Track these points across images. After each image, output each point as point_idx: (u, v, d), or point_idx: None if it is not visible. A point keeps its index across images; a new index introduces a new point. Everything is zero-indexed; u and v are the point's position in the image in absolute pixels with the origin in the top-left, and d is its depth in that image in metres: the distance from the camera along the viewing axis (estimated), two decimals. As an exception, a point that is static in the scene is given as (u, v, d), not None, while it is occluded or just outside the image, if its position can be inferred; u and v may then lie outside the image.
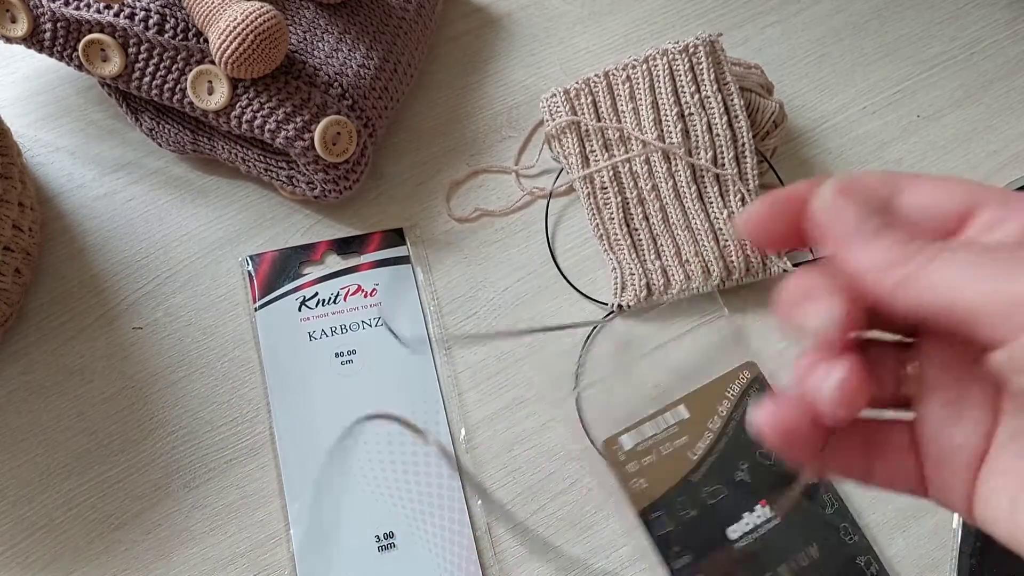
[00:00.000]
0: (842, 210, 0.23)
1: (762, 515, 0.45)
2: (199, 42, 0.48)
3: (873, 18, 0.62)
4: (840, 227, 0.23)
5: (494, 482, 0.46)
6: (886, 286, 0.22)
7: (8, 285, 0.47)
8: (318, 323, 0.49)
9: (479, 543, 0.45)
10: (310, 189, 0.51)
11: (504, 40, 0.61)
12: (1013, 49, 0.61)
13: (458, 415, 0.48)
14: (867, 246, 0.22)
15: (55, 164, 0.55)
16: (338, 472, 0.46)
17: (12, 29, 0.49)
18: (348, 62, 0.51)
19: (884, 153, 0.57)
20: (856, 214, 0.23)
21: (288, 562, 0.44)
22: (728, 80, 0.52)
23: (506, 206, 0.55)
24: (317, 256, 0.52)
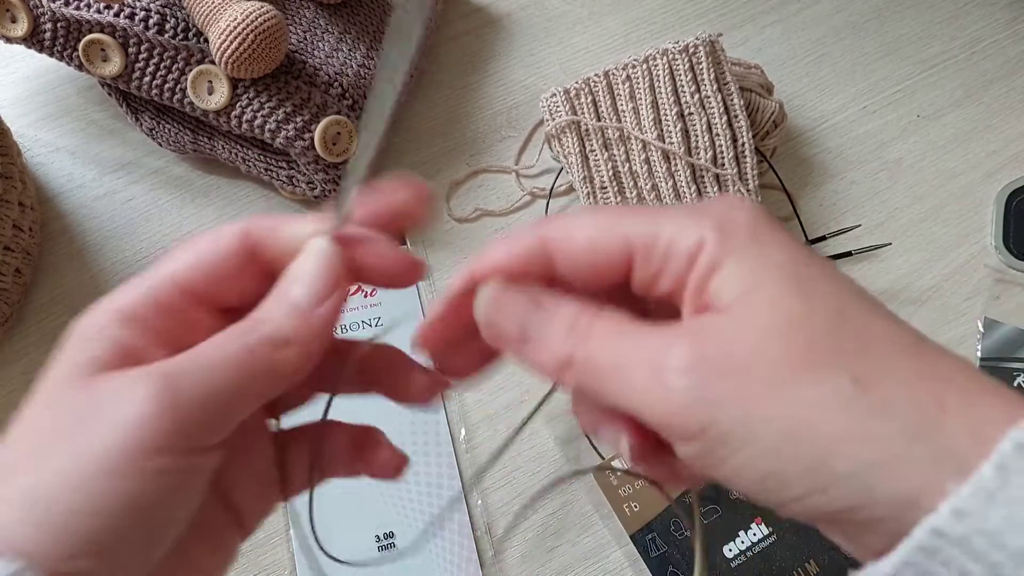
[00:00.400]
0: (501, 313, 0.24)
1: (758, 533, 0.45)
2: (199, 42, 0.48)
3: (873, 18, 0.62)
4: (506, 331, 0.24)
5: (493, 482, 0.46)
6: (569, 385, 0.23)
7: (8, 285, 0.47)
8: (318, 323, 0.49)
9: (478, 543, 0.45)
10: (310, 189, 0.51)
11: (504, 40, 0.61)
12: (1013, 49, 0.61)
13: (458, 415, 0.48)
14: (536, 347, 0.23)
15: (55, 164, 0.55)
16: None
17: (12, 29, 0.49)
18: (348, 62, 0.51)
19: (884, 153, 0.57)
20: (514, 315, 0.23)
21: (288, 562, 0.44)
22: (728, 80, 0.52)
23: (506, 206, 0.55)
24: (317, 256, 0.52)
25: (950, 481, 0.18)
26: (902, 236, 0.54)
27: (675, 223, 0.22)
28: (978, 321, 0.51)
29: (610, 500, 0.46)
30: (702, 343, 0.21)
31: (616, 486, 0.46)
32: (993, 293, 0.52)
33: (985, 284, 0.52)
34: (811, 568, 0.44)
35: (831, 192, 0.56)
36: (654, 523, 0.45)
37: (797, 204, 0.55)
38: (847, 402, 0.19)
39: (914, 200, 0.55)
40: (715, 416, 0.20)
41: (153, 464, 0.20)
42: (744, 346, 0.20)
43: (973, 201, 0.55)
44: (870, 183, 0.56)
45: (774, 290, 0.21)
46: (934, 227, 0.54)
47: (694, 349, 0.21)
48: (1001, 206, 0.55)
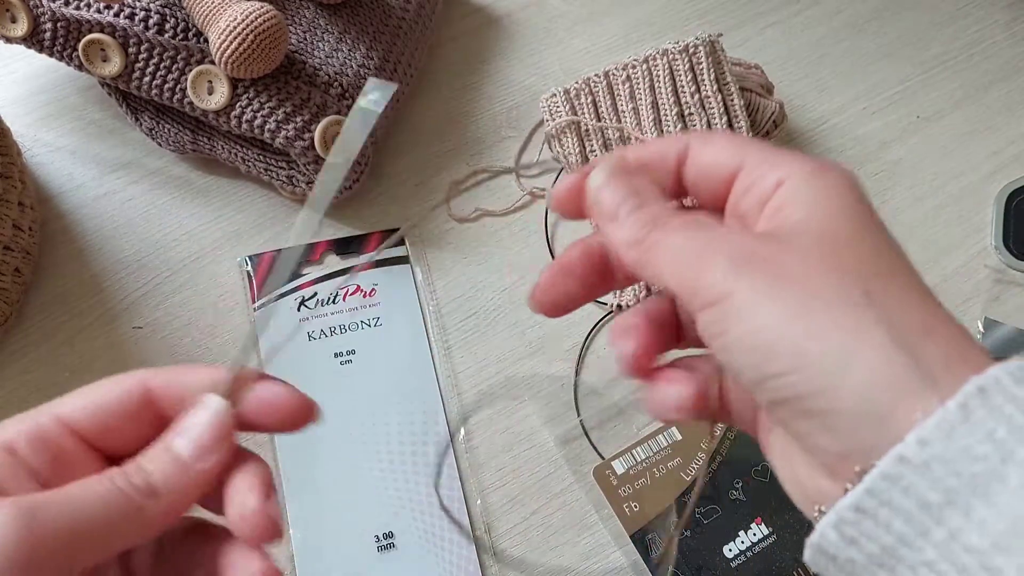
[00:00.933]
0: (605, 192, 0.27)
1: (758, 533, 0.45)
2: (199, 42, 0.48)
3: (873, 18, 0.62)
4: (603, 208, 0.27)
5: (493, 482, 0.46)
6: (629, 261, 0.26)
7: (8, 285, 0.47)
8: (317, 323, 0.49)
9: (478, 543, 0.45)
10: (310, 189, 0.51)
11: (504, 40, 0.61)
12: (1013, 50, 0.61)
13: (458, 415, 0.48)
14: (619, 226, 0.26)
15: (55, 164, 0.55)
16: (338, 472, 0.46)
17: (12, 29, 0.49)
18: (348, 62, 0.51)
19: (884, 153, 0.57)
20: (614, 197, 0.27)
21: (288, 562, 0.44)
22: (728, 80, 0.52)
23: (506, 206, 0.55)
24: (316, 256, 0.52)
25: (915, 400, 0.21)
26: (902, 236, 0.53)
27: (777, 159, 0.26)
28: (978, 321, 0.51)
29: (610, 500, 0.46)
30: (757, 240, 0.24)
31: (616, 486, 0.46)
32: (993, 293, 0.52)
33: (985, 284, 0.52)
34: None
35: (831, 192, 0.56)
36: (654, 523, 0.45)
37: (797, 204, 0.55)
38: (850, 305, 0.22)
39: (914, 200, 0.55)
40: (736, 288, 0.23)
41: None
42: (789, 249, 0.24)
43: (973, 201, 0.55)
44: (870, 183, 0.56)
45: (831, 216, 0.25)
46: (934, 227, 0.54)
47: (746, 241, 0.24)
48: (1001, 206, 0.55)
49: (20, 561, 0.21)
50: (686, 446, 0.47)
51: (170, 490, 0.24)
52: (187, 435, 0.25)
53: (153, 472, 0.24)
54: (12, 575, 0.21)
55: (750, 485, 0.46)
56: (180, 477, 0.24)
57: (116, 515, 0.23)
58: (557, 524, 0.46)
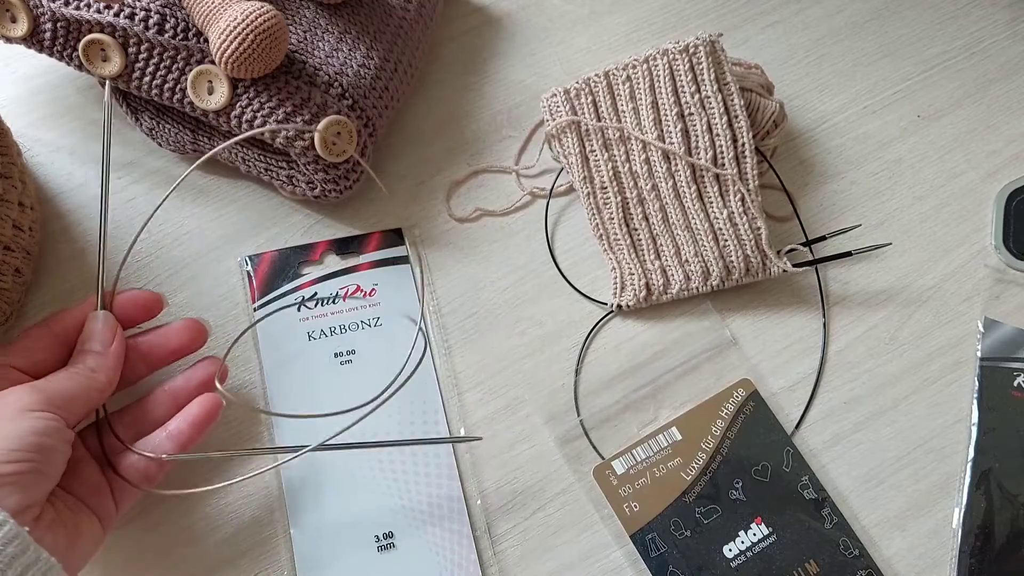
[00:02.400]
0: None
1: (758, 533, 0.45)
2: (199, 42, 0.48)
3: (873, 18, 0.62)
4: None
5: (494, 482, 0.46)
6: None
7: (8, 284, 0.47)
8: (317, 323, 0.49)
9: (478, 543, 0.45)
10: (310, 189, 0.51)
11: (504, 40, 0.61)
12: (1013, 49, 0.61)
13: (458, 415, 0.48)
14: None
15: (55, 164, 0.55)
16: (338, 472, 0.46)
17: (12, 29, 0.49)
18: (348, 62, 0.51)
19: (884, 153, 0.57)
20: None
21: (288, 562, 0.44)
22: (728, 80, 0.52)
23: (506, 206, 0.55)
24: (316, 256, 0.52)
25: None
26: (902, 236, 0.54)
27: None
28: (978, 321, 0.51)
29: (610, 500, 0.46)
30: None
31: (616, 486, 0.46)
32: (993, 293, 0.52)
33: (985, 284, 0.52)
34: (811, 568, 0.44)
35: (831, 192, 0.56)
36: (654, 523, 0.45)
37: (797, 204, 0.55)
38: None
39: (914, 200, 0.55)
40: None
41: (34, 414, 0.37)
42: None
43: (973, 201, 0.55)
44: (870, 183, 0.56)
45: None
46: (934, 227, 0.54)
47: None
48: (1001, 206, 0.55)
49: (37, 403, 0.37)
50: (686, 446, 0.47)
51: (102, 367, 0.41)
52: (93, 337, 0.42)
53: (88, 360, 0.41)
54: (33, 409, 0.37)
55: (750, 485, 0.46)
56: (103, 359, 0.41)
57: (82, 385, 0.40)
58: (557, 524, 0.46)
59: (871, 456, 0.48)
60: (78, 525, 0.38)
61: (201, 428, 0.42)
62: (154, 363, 0.44)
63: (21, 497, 0.34)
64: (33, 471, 0.35)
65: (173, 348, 0.45)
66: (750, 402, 0.48)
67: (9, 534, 0.33)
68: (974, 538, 0.45)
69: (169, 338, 0.44)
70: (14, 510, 0.34)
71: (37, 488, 0.36)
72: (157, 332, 0.45)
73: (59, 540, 0.36)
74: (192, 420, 0.42)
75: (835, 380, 0.50)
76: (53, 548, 0.35)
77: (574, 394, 0.49)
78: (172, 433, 0.42)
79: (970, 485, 0.46)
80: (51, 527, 0.36)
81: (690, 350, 0.50)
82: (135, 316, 0.44)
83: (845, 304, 0.52)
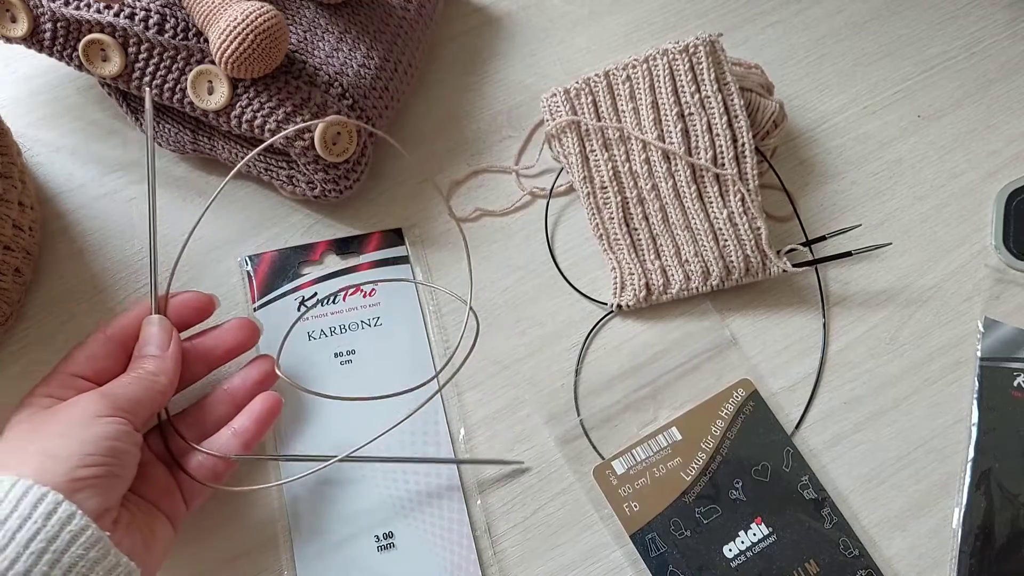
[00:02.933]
0: None
1: (758, 533, 0.45)
2: (199, 42, 0.48)
3: (873, 18, 0.62)
4: None
5: (494, 482, 0.46)
6: None
7: (8, 284, 0.47)
8: (317, 323, 0.49)
9: (478, 543, 0.45)
10: (310, 189, 0.51)
11: (504, 40, 0.61)
12: (1013, 49, 0.61)
13: (458, 415, 0.48)
14: None
15: (55, 164, 0.55)
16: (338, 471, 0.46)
17: (12, 29, 0.49)
18: (348, 62, 0.51)
19: (884, 153, 0.57)
20: None
21: (288, 562, 0.44)
22: (728, 80, 0.52)
23: (506, 206, 0.55)
24: (316, 256, 0.52)
25: None
26: (902, 236, 0.54)
27: None
28: (978, 321, 0.51)
29: (610, 500, 0.46)
30: None
31: (616, 486, 0.46)
32: (993, 293, 0.52)
33: (985, 284, 0.52)
34: (811, 568, 0.44)
35: (831, 192, 0.56)
36: (654, 523, 0.45)
37: (797, 204, 0.55)
38: None
39: (914, 200, 0.55)
40: None
41: (104, 419, 0.37)
42: None
43: (973, 201, 0.55)
44: (870, 183, 0.56)
45: None
46: (934, 227, 0.54)
47: None
48: (1001, 206, 0.55)
49: (104, 408, 0.38)
50: (686, 446, 0.47)
51: (161, 371, 0.41)
52: (151, 342, 0.43)
53: (147, 364, 0.42)
54: (102, 414, 0.37)
55: (750, 485, 0.46)
56: (162, 363, 0.42)
57: (144, 388, 0.40)
58: (557, 524, 0.46)
59: (871, 456, 0.48)
60: (152, 527, 0.39)
61: (265, 424, 0.44)
62: (211, 363, 0.45)
63: (100, 500, 0.35)
64: (109, 475, 0.36)
65: (228, 348, 0.45)
66: (750, 402, 0.48)
67: (91, 539, 0.33)
68: (974, 538, 0.45)
69: (223, 339, 0.45)
70: (94, 513, 0.34)
71: (113, 491, 0.36)
72: (212, 333, 0.45)
73: (136, 543, 0.37)
74: (256, 417, 0.43)
75: (835, 380, 0.50)
76: (131, 551, 0.36)
77: (574, 394, 0.49)
78: (238, 431, 0.43)
79: (970, 485, 0.46)
80: (127, 530, 0.37)
81: (690, 350, 0.50)
82: (189, 319, 0.45)
83: (845, 304, 0.52)
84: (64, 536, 0.33)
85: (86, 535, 0.33)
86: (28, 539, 0.32)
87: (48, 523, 0.33)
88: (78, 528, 0.33)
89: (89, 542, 0.33)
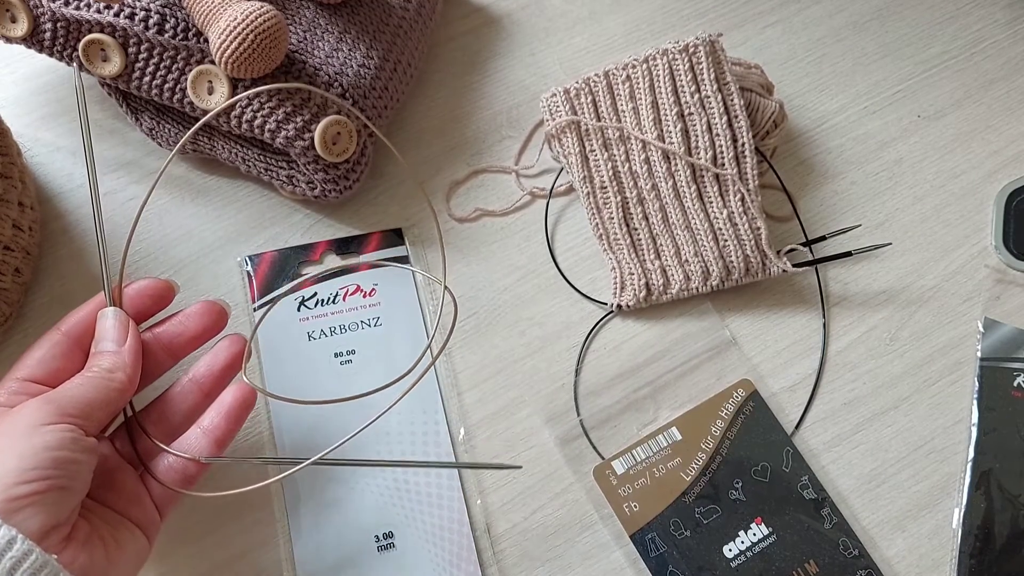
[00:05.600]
0: None
1: (758, 533, 0.45)
2: (199, 42, 0.48)
3: (873, 18, 0.62)
4: None
5: (494, 482, 0.46)
6: None
7: (8, 284, 0.47)
8: (317, 323, 0.49)
9: (478, 543, 0.45)
10: (310, 189, 0.51)
11: (504, 40, 0.61)
12: (1013, 49, 0.61)
13: (458, 415, 0.48)
14: None
15: (55, 164, 0.55)
16: (338, 471, 0.46)
17: (12, 29, 0.49)
18: (348, 62, 0.51)
19: (884, 153, 0.57)
20: None
21: (288, 562, 0.44)
22: (728, 80, 0.52)
23: (506, 206, 0.55)
24: (316, 256, 0.52)
25: None
26: (902, 236, 0.54)
27: None
28: (978, 321, 0.51)
29: (610, 500, 0.46)
30: None
31: (616, 486, 0.46)
32: (993, 293, 0.52)
33: (985, 284, 0.52)
34: (811, 568, 0.44)
35: (831, 192, 0.56)
36: (654, 523, 0.45)
37: (797, 204, 0.55)
38: None
39: (914, 200, 0.55)
40: None
41: (47, 428, 0.34)
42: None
43: (973, 201, 0.55)
44: (870, 183, 0.56)
45: None
46: (934, 227, 0.54)
47: None
48: (1001, 206, 0.55)
49: (49, 415, 0.34)
50: (686, 446, 0.47)
51: (118, 367, 0.38)
52: (106, 336, 0.39)
53: (102, 361, 0.38)
54: (47, 422, 0.34)
55: (750, 485, 0.46)
56: (118, 357, 0.38)
57: (99, 387, 0.37)
58: (557, 524, 0.46)
59: (871, 456, 0.48)
60: (118, 538, 0.36)
61: (237, 419, 0.40)
62: (176, 353, 0.42)
63: (44, 518, 0.32)
64: (53, 488, 0.33)
65: (193, 335, 0.42)
66: (750, 402, 0.48)
67: (36, 564, 0.31)
68: (974, 538, 0.45)
69: (187, 325, 0.41)
70: (38, 533, 0.31)
71: (61, 505, 0.33)
72: (174, 320, 0.42)
73: (97, 557, 0.34)
74: (227, 412, 0.40)
75: (835, 380, 0.50)
76: (91, 566, 0.33)
77: (574, 394, 0.49)
78: (207, 428, 0.40)
79: (970, 485, 0.46)
80: (87, 544, 0.34)
81: (690, 350, 0.50)
82: (147, 308, 0.42)
83: (845, 304, 0.52)
84: (4, 564, 0.30)
85: (29, 560, 0.30)
86: None
87: None
88: (20, 554, 0.30)
89: (34, 568, 0.30)
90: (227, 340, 0.42)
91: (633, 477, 0.46)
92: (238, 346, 0.42)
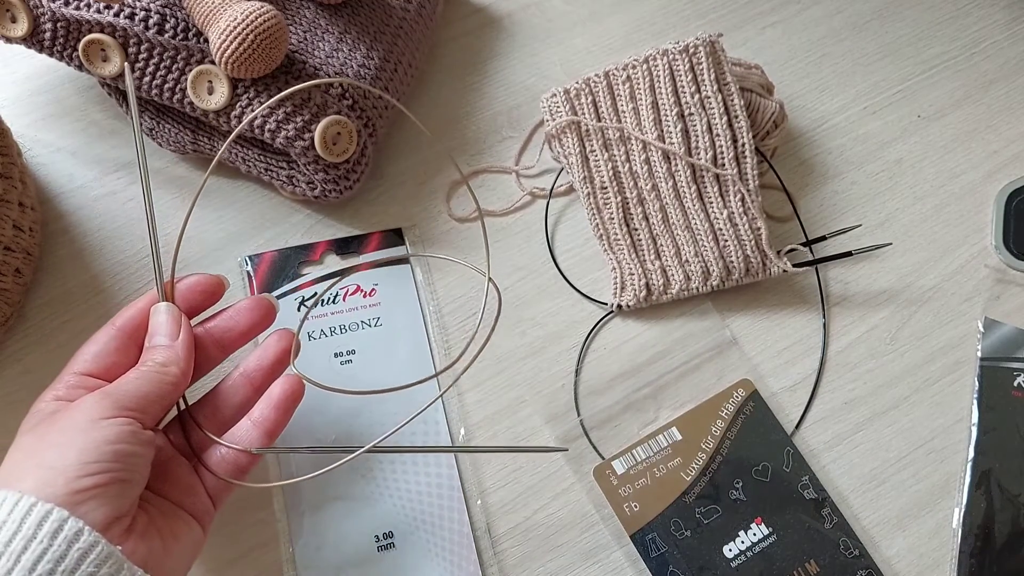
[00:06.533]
0: None
1: (758, 533, 0.45)
2: (199, 42, 0.48)
3: (873, 18, 0.62)
4: None
5: (493, 482, 0.46)
6: None
7: (8, 285, 0.47)
8: (317, 323, 0.49)
9: (478, 543, 0.45)
10: (310, 189, 0.51)
11: (504, 40, 0.61)
12: (1013, 49, 0.61)
13: (458, 415, 0.48)
14: None
15: (56, 164, 0.55)
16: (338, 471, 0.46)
17: (12, 29, 0.49)
18: (348, 62, 0.51)
19: (884, 153, 0.57)
20: None
21: (288, 562, 0.44)
22: (728, 80, 0.52)
23: (506, 206, 0.55)
24: (316, 256, 0.52)
25: None
26: (902, 236, 0.54)
27: None
28: (978, 321, 0.51)
29: (610, 500, 0.46)
30: None
31: (616, 486, 0.46)
32: (993, 293, 0.52)
33: (985, 284, 0.52)
34: (811, 568, 0.44)
35: (831, 192, 0.56)
36: (654, 523, 0.45)
37: (797, 204, 0.55)
38: None
39: (914, 200, 0.55)
40: None
41: (105, 422, 0.35)
42: None
43: (973, 201, 0.55)
44: (870, 183, 0.56)
45: None
46: (934, 227, 0.54)
47: None
48: (1001, 206, 0.55)
49: (106, 409, 0.35)
50: (686, 446, 0.47)
51: (172, 361, 0.38)
52: (159, 331, 0.40)
53: (156, 356, 0.39)
54: (105, 416, 0.35)
55: (750, 485, 0.46)
56: (172, 352, 0.39)
57: (153, 381, 0.37)
58: (557, 524, 0.46)
59: (871, 456, 0.48)
60: (174, 529, 0.37)
61: (286, 410, 0.41)
62: (227, 347, 0.42)
63: (108, 510, 0.33)
64: (115, 481, 0.33)
65: (243, 330, 0.42)
66: (750, 402, 0.48)
67: (102, 555, 0.32)
68: (974, 538, 0.45)
69: (237, 320, 0.42)
70: (101, 525, 0.32)
71: (123, 497, 0.34)
72: (225, 315, 0.42)
73: (155, 547, 0.35)
74: (276, 403, 0.40)
75: (835, 380, 0.50)
76: (149, 556, 0.34)
77: (574, 394, 0.49)
78: (257, 420, 0.40)
79: (970, 485, 0.46)
80: (145, 535, 0.34)
81: (690, 350, 0.50)
82: (199, 303, 0.42)
83: (845, 304, 0.52)
84: (73, 555, 0.31)
85: (96, 551, 0.31)
86: (34, 561, 0.31)
87: (54, 542, 0.31)
88: (87, 545, 0.31)
89: (100, 559, 0.31)
90: (276, 335, 0.43)
91: (633, 477, 0.46)
92: (287, 341, 0.42)
